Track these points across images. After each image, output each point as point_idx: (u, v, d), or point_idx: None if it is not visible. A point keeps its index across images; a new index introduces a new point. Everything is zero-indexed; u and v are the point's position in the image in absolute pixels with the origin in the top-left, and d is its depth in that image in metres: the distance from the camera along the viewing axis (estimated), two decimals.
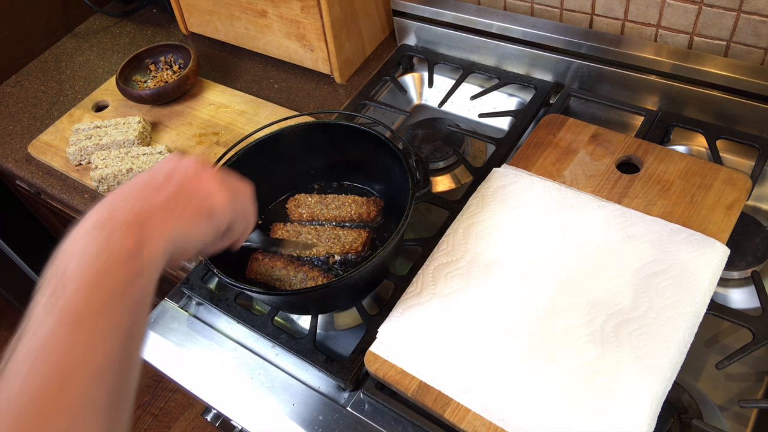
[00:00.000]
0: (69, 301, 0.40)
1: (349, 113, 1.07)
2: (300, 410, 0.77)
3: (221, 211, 0.51)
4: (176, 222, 0.47)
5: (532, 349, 0.70)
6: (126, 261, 0.43)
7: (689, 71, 0.93)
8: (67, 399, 0.37)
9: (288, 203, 0.92)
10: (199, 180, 0.50)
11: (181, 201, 0.48)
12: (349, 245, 0.85)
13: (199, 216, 0.49)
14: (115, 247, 0.43)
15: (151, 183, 0.49)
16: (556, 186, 0.85)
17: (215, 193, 0.50)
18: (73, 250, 0.43)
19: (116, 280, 0.42)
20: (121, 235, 0.44)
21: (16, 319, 2.16)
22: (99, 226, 0.44)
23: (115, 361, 0.40)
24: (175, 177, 0.50)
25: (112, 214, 0.45)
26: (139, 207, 0.46)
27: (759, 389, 0.73)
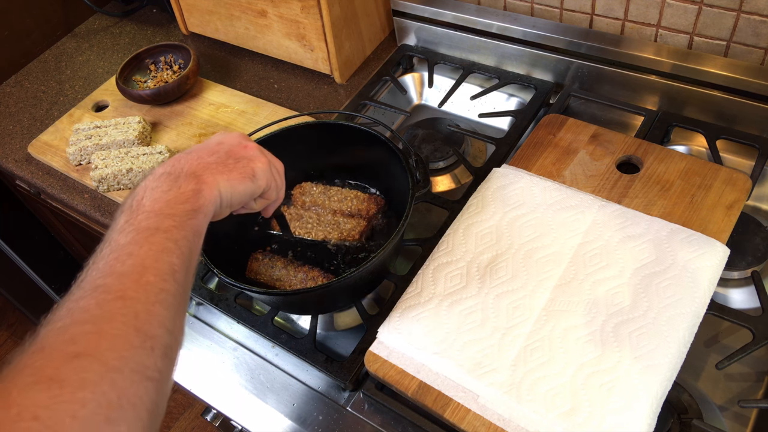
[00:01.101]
0: (144, 221, 0.50)
1: (349, 113, 1.07)
2: (300, 410, 0.77)
3: (261, 173, 0.61)
4: (226, 176, 0.57)
5: (532, 349, 0.70)
6: (189, 198, 0.53)
7: (689, 71, 0.93)
8: (144, 283, 0.45)
9: (293, 190, 0.93)
10: (244, 147, 0.61)
11: (230, 162, 0.59)
12: (347, 233, 0.86)
13: (243, 175, 0.59)
14: (181, 188, 0.53)
15: (206, 148, 0.60)
16: (556, 186, 0.85)
17: (257, 158, 0.61)
18: (147, 188, 0.53)
19: (181, 210, 0.52)
20: (185, 180, 0.54)
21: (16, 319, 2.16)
22: (167, 173, 0.55)
23: (178, 270, 0.48)
24: (225, 144, 0.61)
25: (176, 166, 0.56)
26: (197, 163, 0.57)
27: (759, 389, 0.73)
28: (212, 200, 0.55)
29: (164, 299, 0.46)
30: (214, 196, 0.55)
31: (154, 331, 0.44)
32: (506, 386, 0.68)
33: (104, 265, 0.47)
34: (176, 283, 0.48)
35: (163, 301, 0.46)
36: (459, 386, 0.70)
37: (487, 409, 0.67)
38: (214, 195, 0.55)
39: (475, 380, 0.69)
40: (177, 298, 0.48)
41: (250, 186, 0.60)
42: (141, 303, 0.44)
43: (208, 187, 0.55)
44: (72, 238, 1.47)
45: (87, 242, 1.43)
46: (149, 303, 0.45)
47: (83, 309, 0.43)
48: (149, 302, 0.45)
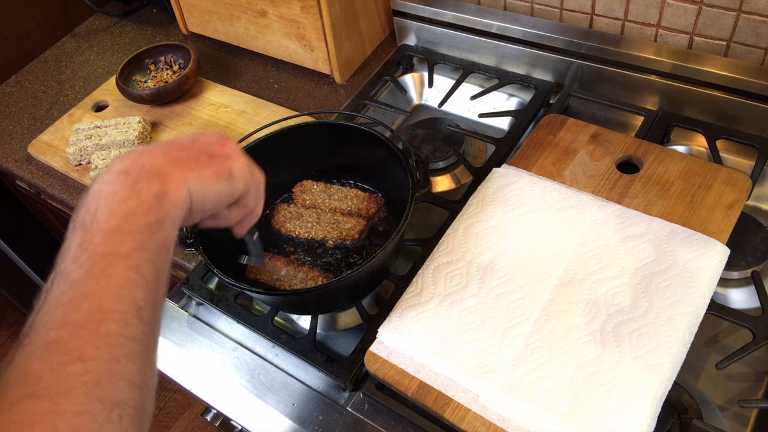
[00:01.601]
0: (100, 245, 0.41)
1: (349, 113, 1.07)
2: (300, 410, 0.77)
3: (239, 174, 0.51)
4: (197, 174, 0.48)
5: (532, 349, 0.70)
6: (151, 207, 0.44)
7: (689, 71, 0.93)
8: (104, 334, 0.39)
9: (294, 188, 0.93)
10: (222, 145, 0.52)
11: (203, 159, 0.49)
12: (347, 232, 0.86)
13: (218, 174, 0.49)
14: (140, 193, 0.44)
15: (177, 142, 0.50)
16: (556, 186, 0.85)
17: (235, 157, 0.52)
18: (100, 195, 0.44)
19: (142, 225, 0.43)
20: (146, 181, 0.44)
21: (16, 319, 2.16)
22: (124, 172, 0.45)
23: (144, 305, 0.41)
24: (199, 141, 0.51)
25: (136, 163, 0.46)
26: (163, 158, 0.47)
27: (759, 389, 0.73)
28: (180, 203, 0.46)
29: (130, 350, 0.39)
30: (182, 197, 0.46)
31: (121, 396, 0.38)
32: (506, 386, 0.68)
33: (57, 310, 0.39)
34: (143, 324, 0.41)
35: (129, 353, 0.39)
36: (459, 386, 0.70)
37: (487, 409, 0.67)
38: (182, 196, 0.46)
39: (475, 380, 0.69)
40: (144, 341, 0.41)
41: (226, 187, 0.50)
42: (103, 362, 0.38)
43: (175, 186, 0.45)
44: None
45: None
46: (112, 360, 0.38)
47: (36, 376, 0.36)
48: (112, 359, 0.38)
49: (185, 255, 0.95)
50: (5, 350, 2.11)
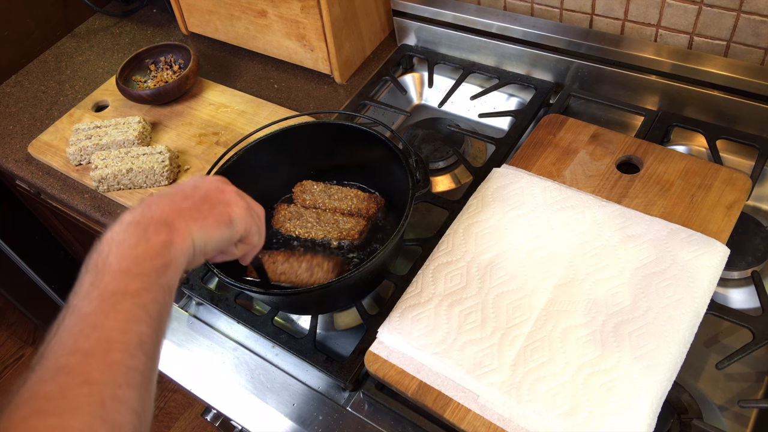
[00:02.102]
0: (110, 284, 0.46)
1: (349, 113, 1.07)
2: (300, 410, 0.77)
3: (239, 219, 0.57)
4: (201, 224, 0.53)
5: (532, 349, 0.70)
6: (159, 252, 0.49)
7: (689, 71, 0.93)
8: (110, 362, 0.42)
9: (294, 188, 0.93)
10: (222, 192, 0.57)
11: (205, 208, 0.54)
12: (347, 232, 0.86)
13: (219, 222, 0.55)
14: (150, 240, 0.49)
15: (180, 192, 0.56)
16: (556, 186, 0.85)
17: (235, 204, 0.57)
18: (113, 242, 0.49)
19: (150, 268, 0.48)
20: (154, 230, 0.50)
21: (16, 319, 2.16)
22: (135, 222, 0.50)
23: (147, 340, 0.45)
24: (201, 188, 0.57)
25: (146, 213, 0.51)
26: (170, 210, 0.52)
27: (759, 389, 0.73)
28: (184, 251, 0.51)
29: (132, 379, 0.43)
30: (186, 246, 0.51)
31: (122, 419, 0.41)
32: (506, 386, 0.68)
33: (68, 339, 0.43)
34: (145, 356, 0.45)
35: (131, 381, 0.43)
36: (459, 386, 0.70)
37: (487, 409, 0.67)
38: (187, 245, 0.51)
39: (475, 380, 0.69)
40: (146, 373, 0.45)
41: (226, 232, 0.56)
42: (108, 387, 0.42)
43: (180, 236, 0.51)
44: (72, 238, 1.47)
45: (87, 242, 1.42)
46: (116, 386, 0.42)
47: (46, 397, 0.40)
48: (116, 385, 0.42)
49: None
50: (5, 350, 2.11)
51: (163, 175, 1.01)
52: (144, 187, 1.03)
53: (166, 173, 1.01)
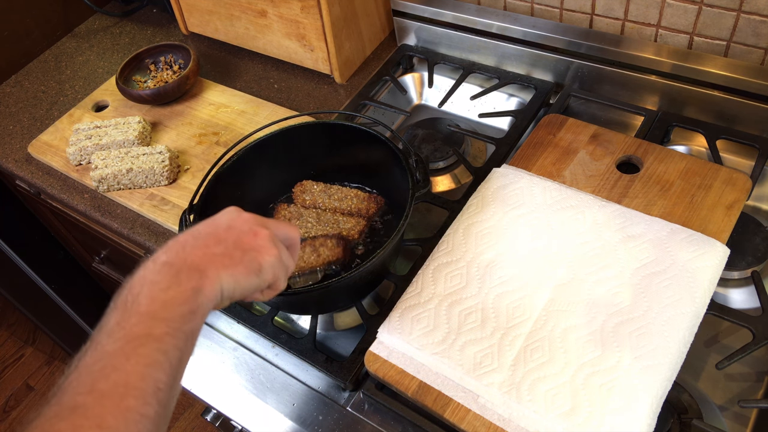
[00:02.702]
0: (136, 326, 0.46)
1: (349, 113, 1.07)
2: (300, 410, 0.77)
3: (268, 268, 0.56)
4: (231, 271, 0.53)
5: (531, 349, 0.70)
6: (188, 299, 0.49)
7: (689, 71, 0.93)
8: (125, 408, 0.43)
9: (294, 188, 0.93)
10: (254, 235, 0.56)
11: (237, 255, 0.54)
12: (347, 232, 0.85)
13: (249, 271, 0.54)
14: (181, 285, 0.49)
15: (214, 234, 0.55)
16: (556, 186, 0.85)
17: (266, 251, 0.56)
18: (145, 281, 0.49)
19: (177, 314, 0.48)
20: (186, 276, 0.50)
21: (16, 319, 2.16)
22: (169, 264, 0.51)
23: (162, 388, 0.46)
24: (234, 230, 0.56)
25: (179, 256, 0.52)
26: (202, 254, 0.52)
27: (759, 389, 0.73)
28: (212, 298, 0.52)
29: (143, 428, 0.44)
30: (215, 293, 0.52)
31: None
32: (506, 386, 0.68)
33: (87, 377, 0.44)
34: (158, 405, 0.46)
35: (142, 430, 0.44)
36: (459, 386, 0.70)
37: (487, 409, 0.67)
38: (215, 292, 0.52)
39: (475, 380, 0.69)
40: (156, 421, 0.45)
41: (255, 281, 0.55)
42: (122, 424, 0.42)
43: (210, 283, 0.51)
44: (72, 238, 1.47)
45: (87, 242, 1.43)
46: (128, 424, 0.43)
47: None
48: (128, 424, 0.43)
49: None
50: (5, 350, 2.11)
51: (163, 175, 1.01)
52: (144, 187, 1.03)
53: (166, 173, 1.01)
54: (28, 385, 2.03)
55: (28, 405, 1.98)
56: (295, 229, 0.62)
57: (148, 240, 0.99)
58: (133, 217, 1.02)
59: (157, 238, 0.99)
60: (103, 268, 1.51)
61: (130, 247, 1.16)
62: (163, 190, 1.03)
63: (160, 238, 0.99)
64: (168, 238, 0.98)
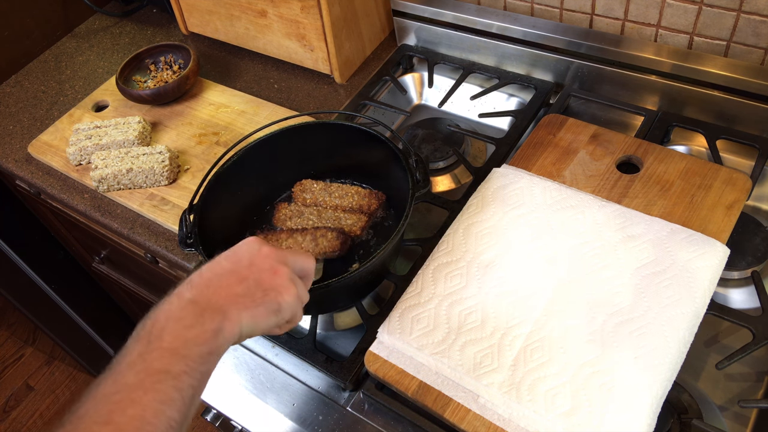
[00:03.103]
0: (156, 361, 0.48)
1: (349, 113, 1.07)
2: (300, 410, 0.77)
3: (287, 308, 0.58)
4: (251, 312, 0.55)
5: (532, 349, 0.70)
6: (208, 339, 0.51)
7: (689, 71, 0.93)
8: None
9: (294, 187, 0.93)
10: (274, 274, 0.58)
11: (258, 296, 0.56)
12: (349, 228, 0.85)
13: (269, 312, 0.56)
14: (204, 325, 0.51)
15: (237, 272, 0.57)
16: (556, 186, 0.85)
17: (286, 291, 0.58)
18: (170, 316, 0.52)
19: (197, 353, 0.50)
20: (210, 316, 0.52)
21: (16, 319, 2.16)
22: (194, 302, 0.53)
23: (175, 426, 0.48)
24: (256, 267, 0.57)
25: (204, 294, 0.54)
26: (225, 294, 0.54)
27: (759, 389, 0.73)
28: (231, 339, 0.54)
29: None
30: (234, 334, 0.54)
31: None
32: (506, 386, 0.68)
33: (105, 407, 0.46)
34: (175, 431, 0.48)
35: None
36: (459, 386, 0.70)
37: (487, 409, 0.68)
38: (234, 333, 0.54)
39: (475, 380, 0.69)
40: None
41: (273, 320, 0.58)
42: None
43: (231, 324, 0.53)
44: (72, 238, 1.47)
45: (87, 242, 1.43)
46: None
47: None
48: None
49: (185, 255, 0.95)
50: (5, 350, 2.11)
51: (163, 175, 1.01)
52: (144, 187, 1.03)
53: (166, 173, 1.01)
54: (28, 385, 2.03)
55: (28, 405, 1.98)
56: (311, 259, 0.63)
57: (148, 240, 0.99)
58: (133, 217, 1.02)
59: (157, 238, 0.99)
60: (103, 268, 1.51)
61: (130, 247, 1.16)
62: (163, 190, 1.03)
63: (160, 238, 0.99)
64: (168, 238, 0.98)
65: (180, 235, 0.79)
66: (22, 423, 1.94)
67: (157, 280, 1.27)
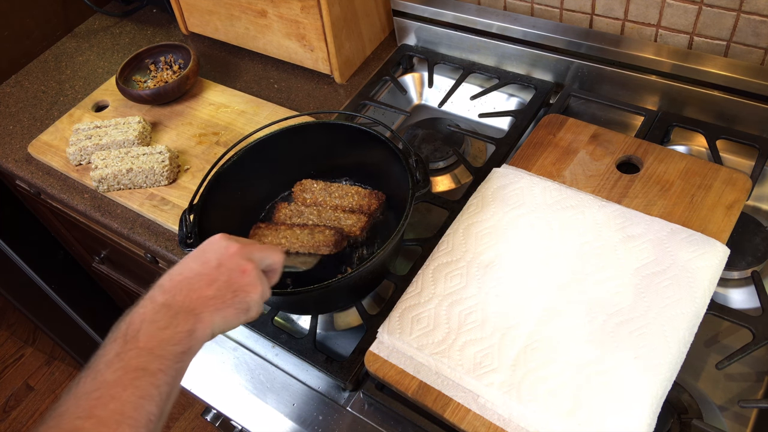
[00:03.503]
0: (134, 359, 0.51)
1: (349, 113, 1.07)
2: (300, 410, 0.77)
3: (255, 306, 0.61)
4: (222, 314, 0.58)
5: (532, 349, 0.70)
6: (182, 340, 0.54)
7: (689, 71, 0.93)
8: None
9: (294, 187, 0.93)
10: (243, 273, 0.60)
11: (228, 297, 0.58)
12: (349, 228, 0.85)
13: (238, 311, 0.59)
14: (177, 327, 0.54)
15: (207, 275, 0.59)
16: (556, 186, 0.85)
17: (254, 289, 0.60)
18: (144, 319, 0.54)
19: (172, 353, 0.53)
20: (183, 318, 0.55)
21: (16, 319, 2.16)
22: (167, 306, 0.55)
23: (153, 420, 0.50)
24: (225, 268, 0.60)
25: (176, 298, 0.56)
26: (197, 297, 0.57)
27: (759, 389, 0.73)
28: (203, 339, 0.56)
29: None
30: (206, 335, 0.57)
31: None
32: (506, 386, 0.68)
33: (86, 403, 0.48)
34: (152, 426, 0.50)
35: None
36: (459, 386, 0.70)
37: (487, 409, 0.68)
38: (207, 334, 0.57)
39: (475, 380, 0.69)
40: None
41: (243, 318, 0.60)
42: None
43: (203, 325, 0.56)
44: (72, 238, 1.47)
45: (87, 242, 1.43)
46: None
47: None
48: None
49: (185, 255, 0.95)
50: (5, 350, 2.11)
51: (163, 175, 1.01)
52: (144, 187, 1.03)
53: (166, 173, 1.01)
54: (28, 385, 2.03)
55: (28, 405, 1.98)
56: (279, 254, 0.65)
57: (148, 240, 0.99)
58: (133, 217, 1.02)
59: (157, 238, 0.99)
60: (103, 268, 1.51)
61: (130, 247, 1.16)
62: (163, 190, 1.03)
63: (160, 238, 0.99)
64: (168, 238, 0.98)
65: (180, 235, 0.79)
66: (22, 423, 1.94)
67: None
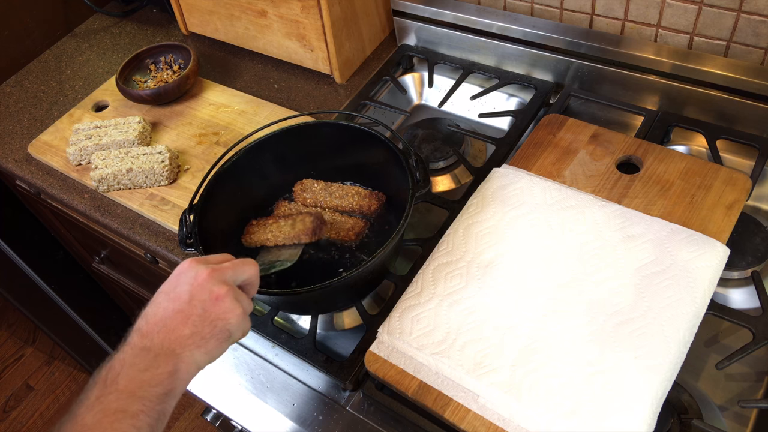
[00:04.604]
0: (114, 402, 0.51)
1: (349, 113, 1.07)
2: (300, 410, 0.77)
3: (236, 329, 0.59)
4: (204, 349, 0.57)
5: (532, 349, 0.70)
6: (163, 381, 0.54)
7: (689, 71, 0.93)
8: None
9: (294, 187, 0.93)
10: (217, 300, 0.58)
11: (206, 331, 0.57)
12: (345, 232, 0.85)
13: (220, 341, 0.58)
14: (158, 368, 0.54)
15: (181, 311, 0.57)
16: (556, 186, 0.85)
17: (231, 313, 0.58)
18: (124, 363, 0.54)
19: (153, 394, 0.53)
20: (164, 360, 0.54)
21: (15, 319, 2.16)
22: (146, 349, 0.55)
23: None
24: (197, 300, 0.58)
25: (155, 341, 0.55)
26: (175, 338, 0.56)
27: (759, 389, 0.73)
28: (188, 378, 0.56)
29: None
30: (190, 373, 0.56)
31: None
32: (506, 386, 0.68)
33: None
34: None
35: None
36: (459, 386, 0.70)
37: (487, 409, 0.68)
38: (191, 372, 0.56)
39: (475, 380, 0.69)
40: None
41: (226, 345, 0.59)
42: None
43: (185, 365, 0.55)
44: (72, 238, 1.47)
45: (87, 242, 1.43)
46: None
47: None
48: None
49: (185, 255, 0.95)
50: (5, 350, 2.11)
51: (163, 175, 1.01)
52: (144, 187, 1.03)
53: (166, 173, 1.01)
54: (28, 385, 2.03)
55: (28, 405, 1.98)
56: (252, 266, 0.63)
57: (148, 240, 0.99)
58: (133, 217, 1.02)
59: (157, 238, 0.99)
60: (103, 268, 1.51)
61: (130, 247, 1.16)
62: (163, 190, 1.03)
63: (160, 238, 0.99)
64: (168, 238, 0.98)
65: (180, 235, 0.79)
66: (22, 423, 1.94)
67: (157, 280, 1.26)
